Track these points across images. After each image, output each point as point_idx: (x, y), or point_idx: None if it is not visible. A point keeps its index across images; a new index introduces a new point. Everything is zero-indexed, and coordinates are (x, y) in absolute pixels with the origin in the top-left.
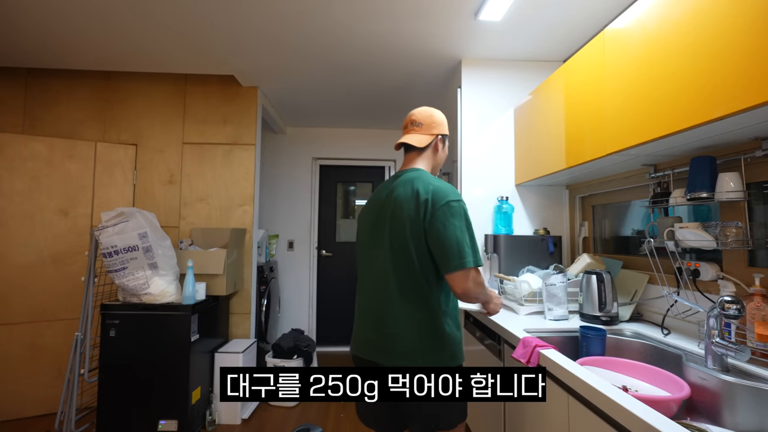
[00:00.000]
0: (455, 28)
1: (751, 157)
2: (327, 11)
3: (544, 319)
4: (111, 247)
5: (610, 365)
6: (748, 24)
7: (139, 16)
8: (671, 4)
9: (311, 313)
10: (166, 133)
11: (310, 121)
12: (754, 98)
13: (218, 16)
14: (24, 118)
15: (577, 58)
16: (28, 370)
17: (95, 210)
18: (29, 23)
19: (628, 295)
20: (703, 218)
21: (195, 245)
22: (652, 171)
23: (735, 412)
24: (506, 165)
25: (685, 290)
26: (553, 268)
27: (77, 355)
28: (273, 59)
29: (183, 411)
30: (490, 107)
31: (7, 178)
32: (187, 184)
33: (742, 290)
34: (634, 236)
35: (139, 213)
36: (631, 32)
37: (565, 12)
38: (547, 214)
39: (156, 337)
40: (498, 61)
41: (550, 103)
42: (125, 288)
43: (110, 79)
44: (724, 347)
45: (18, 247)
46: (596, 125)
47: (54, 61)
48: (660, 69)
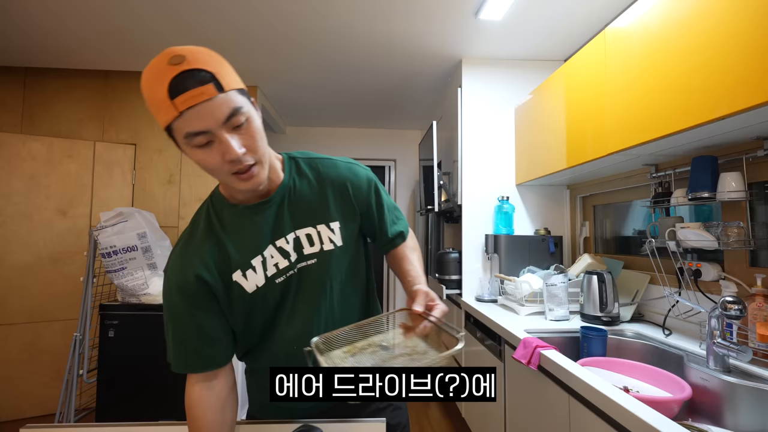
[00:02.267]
0: (456, 27)
1: (753, 157)
2: (327, 10)
3: (545, 320)
4: (110, 247)
5: (611, 366)
6: (750, 23)
7: (138, 16)
8: (672, 4)
9: None
10: (166, 133)
11: (310, 120)
12: (756, 98)
13: (218, 16)
14: (22, 118)
15: (578, 58)
16: (26, 370)
17: (94, 210)
18: (27, 23)
19: (630, 295)
20: (705, 218)
21: None
22: (654, 171)
23: (736, 413)
24: (507, 165)
25: (686, 290)
26: (554, 269)
27: (76, 356)
28: (273, 58)
29: (182, 411)
30: (490, 107)
31: (5, 178)
32: (187, 184)
33: (744, 290)
34: (635, 236)
35: (138, 213)
36: (632, 31)
37: (566, 11)
38: (548, 214)
39: (155, 338)
40: (498, 61)
41: (550, 103)
42: (124, 288)
43: (109, 79)
44: (726, 348)
45: (16, 247)
46: (597, 125)
47: (52, 60)
48: (661, 68)
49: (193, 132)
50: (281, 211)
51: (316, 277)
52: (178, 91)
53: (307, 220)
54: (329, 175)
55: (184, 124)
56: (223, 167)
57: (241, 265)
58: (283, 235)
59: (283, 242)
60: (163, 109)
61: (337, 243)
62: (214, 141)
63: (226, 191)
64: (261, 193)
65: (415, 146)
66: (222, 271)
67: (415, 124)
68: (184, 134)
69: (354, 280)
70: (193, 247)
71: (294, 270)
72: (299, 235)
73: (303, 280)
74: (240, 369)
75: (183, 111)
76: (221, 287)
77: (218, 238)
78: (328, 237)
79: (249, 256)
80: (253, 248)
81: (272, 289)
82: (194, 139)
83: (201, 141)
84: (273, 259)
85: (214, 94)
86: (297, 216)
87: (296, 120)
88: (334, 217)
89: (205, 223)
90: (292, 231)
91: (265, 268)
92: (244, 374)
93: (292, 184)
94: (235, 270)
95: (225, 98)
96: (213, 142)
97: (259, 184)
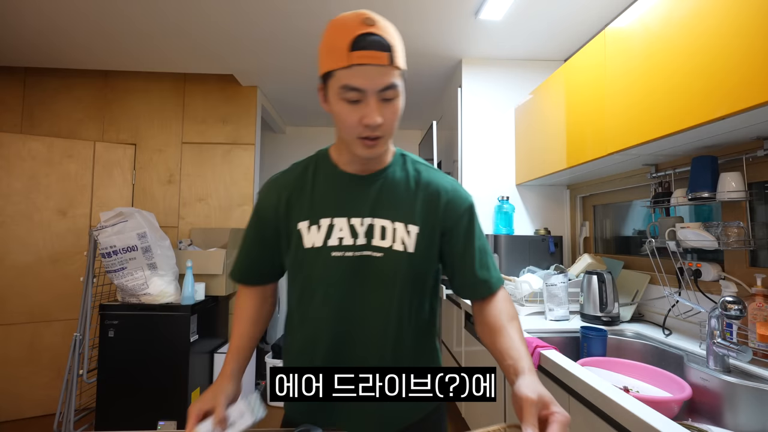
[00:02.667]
0: (456, 27)
1: (753, 157)
2: (326, 10)
3: (545, 320)
4: (110, 247)
5: (611, 366)
6: (750, 23)
7: (138, 15)
8: (672, 4)
9: None
10: (165, 133)
11: (310, 120)
12: (756, 98)
13: (218, 15)
14: (22, 118)
15: (578, 58)
16: (26, 370)
17: (94, 210)
18: (21, 24)
19: (630, 295)
20: (705, 218)
21: (194, 245)
22: (654, 171)
23: (736, 413)
24: (507, 165)
25: (686, 290)
26: (554, 269)
27: (76, 356)
28: (273, 58)
29: (182, 411)
30: (490, 107)
31: (5, 178)
32: (187, 184)
33: (744, 290)
34: (635, 236)
35: (138, 213)
36: (632, 31)
37: (566, 11)
38: (548, 214)
39: (155, 338)
40: (498, 61)
41: (551, 103)
42: (124, 288)
43: (109, 79)
44: (726, 348)
45: (16, 247)
46: (597, 125)
47: (52, 60)
48: (661, 68)
49: (351, 86)
50: (369, 193)
51: (372, 272)
52: (359, 46)
53: (389, 212)
54: (428, 180)
55: (348, 76)
56: (357, 128)
57: (311, 217)
58: (360, 215)
59: (357, 222)
60: (337, 55)
61: (409, 248)
62: (362, 102)
63: (335, 154)
64: (364, 168)
65: (415, 146)
66: (292, 213)
67: (415, 124)
68: (342, 84)
69: (412, 299)
70: (281, 182)
71: (354, 253)
72: (374, 224)
73: (358, 269)
74: None
75: (353, 65)
76: (285, 227)
77: (305, 186)
78: (402, 238)
79: (321, 214)
80: (329, 210)
81: (325, 259)
82: (348, 93)
83: (352, 96)
84: (340, 232)
85: (385, 63)
86: (381, 204)
87: (296, 120)
88: (416, 221)
89: (302, 169)
90: (370, 216)
91: (328, 234)
92: None
93: (392, 173)
94: (304, 219)
95: (390, 71)
96: (360, 102)
97: (376, 156)
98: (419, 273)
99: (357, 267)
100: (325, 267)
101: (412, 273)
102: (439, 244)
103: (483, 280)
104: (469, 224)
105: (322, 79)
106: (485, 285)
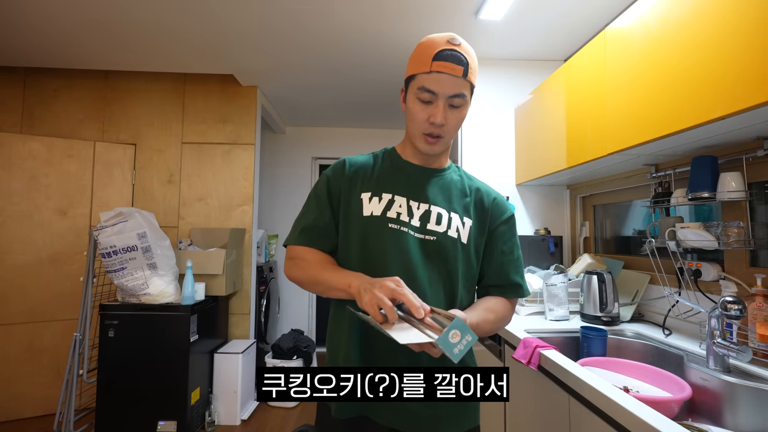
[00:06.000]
0: (456, 27)
1: (753, 157)
2: (327, 10)
3: (545, 320)
4: (110, 247)
5: (611, 366)
6: (750, 23)
7: (141, 12)
8: (672, 4)
9: (311, 313)
10: (166, 133)
11: (310, 120)
12: (756, 98)
13: (219, 15)
14: (22, 118)
15: (578, 58)
16: (26, 370)
17: (94, 210)
18: (24, 24)
19: (630, 295)
20: (705, 218)
21: (194, 245)
22: (654, 171)
23: (737, 413)
24: (507, 165)
25: (686, 290)
26: (553, 269)
27: (76, 356)
28: (273, 58)
29: (182, 412)
30: (490, 107)
31: (5, 178)
32: (187, 184)
33: (744, 290)
34: (635, 236)
35: (138, 213)
36: (632, 31)
37: (566, 11)
38: (548, 214)
39: (155, 338)
40: (498, 61)
41: (551, 103)
42: (124, 288)
43: (109, 79)
44: (726, 348)
45: (16, 246)
46: (597, 125)
47: (52, 60)
48: (661, 68)
49: (426, 88)
50: (430, 183)
51: (426, 252)
52: (442, 57)
53: (445, 202)
54: (478, 186)
55: (426, 79)
56: (423, 124)
57: (373, 190)
58: (419, 200)
59: (415, 205)
60: (422, 62)
61: (462, 237)
62: (433, 103)
63: (401, 148)
64: (425, 163)
65: None
66: (358, 186)
67: None
68: (420, 85)
69: (455, 285)
70: (353, 160)
71: (410, 231)
72: (431, 210)
73: (411, 247)
74: None
75: (432, 71)
76: (346, 195)
77: (375, 166)
78: (457, 226)
79: (383, 189)
80: (390, 187)
81: (382, 228)
82: (423, 93)
83: (425, 97)
84: (399, 207)
85: (459, 75)
86: (440, 195)
87: (296, 120)
88: (471, 216)
89: (373, 155)
90: (428, 204)
91: (388, 207)
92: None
93: (449, 174)
94: (367, 191)
95: (462, 82)
96: (431, 104)
97: (435, 153)
98: (468, 262)
99: (410, 245)
100: (379, 236)
101: (463, 259)
102: (483, 243)
103: (518, 283)
104: (510, 230)
105: (405, 82)
106: (515, 289)
